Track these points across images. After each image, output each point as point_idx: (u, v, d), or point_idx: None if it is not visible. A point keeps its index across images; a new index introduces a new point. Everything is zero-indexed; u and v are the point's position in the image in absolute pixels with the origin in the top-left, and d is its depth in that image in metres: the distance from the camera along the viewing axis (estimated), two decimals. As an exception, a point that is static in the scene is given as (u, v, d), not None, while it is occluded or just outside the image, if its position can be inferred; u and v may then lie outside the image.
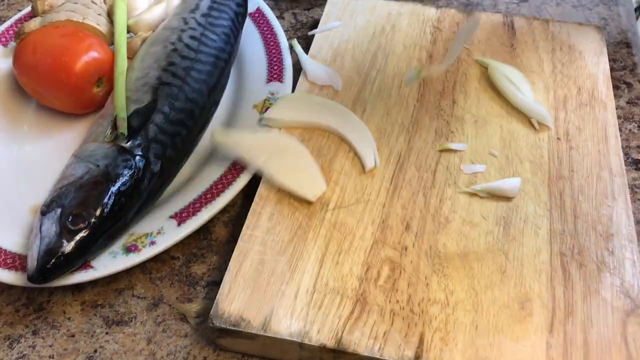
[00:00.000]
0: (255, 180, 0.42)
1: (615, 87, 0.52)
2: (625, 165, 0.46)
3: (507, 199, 0.41)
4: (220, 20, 0.49)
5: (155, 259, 0.40)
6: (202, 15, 0.48)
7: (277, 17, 0.56)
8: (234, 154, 0.42)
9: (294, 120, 0.45)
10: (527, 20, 0.54)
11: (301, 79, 0.49)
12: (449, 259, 0.38)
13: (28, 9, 0.53)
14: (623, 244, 0.38)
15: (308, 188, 0.40)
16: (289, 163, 0.42)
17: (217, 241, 0.42)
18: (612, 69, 0.53)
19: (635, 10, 1.24)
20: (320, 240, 0.38)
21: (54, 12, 0.49)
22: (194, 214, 0.39)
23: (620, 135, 0.48)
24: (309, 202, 0.40)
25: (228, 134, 0.43)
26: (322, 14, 0.55)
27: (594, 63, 0.50)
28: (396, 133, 0.45)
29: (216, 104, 0.46)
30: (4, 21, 0.57)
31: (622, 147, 0.47)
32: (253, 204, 0.40)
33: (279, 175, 0.41)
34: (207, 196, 0.40)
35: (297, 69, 0.51)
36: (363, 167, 0.42)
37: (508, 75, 0.47)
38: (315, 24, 0.56)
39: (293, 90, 0.48)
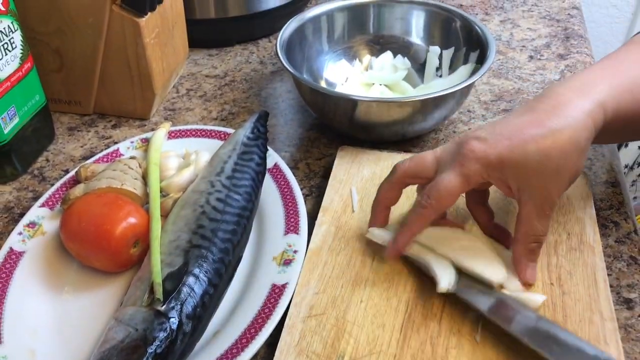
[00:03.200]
0: (277, 330, 0.46)
1: (604, 227, 0.56)
2: (617, 304, 0.50)
3: (507, 346, 0.44)
4: (243, 181, 0.55)
5: (187, 412, 0.43)
6: (227, 178, 0.54)
7: (292, 167, 0.63)
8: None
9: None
10: (517, 168, 0.59)
11: (316, 229, 0.54)
12: (456, 408, 0.41)
13: (71, 173, 0.59)
14: (617, 389, 0.42)
15: (491, 273, 0.46)
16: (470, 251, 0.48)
17: (243, 392, 0.45)
18: (599, 209, 0.58)
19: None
20: (337, 392, 0.42)
21: (96, 179, 0.55)
22: (222, 369, 0.43)
23: (611, 274, 0.52)
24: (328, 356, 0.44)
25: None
26: (332, 163, 0.62)
27: (581, 208, 0.55)
28: (404, 282, 0.50)
29: (239, 259, 0.51)
30: (49, 181, 0.64)
31: (612, 286, 0.51)
32: (274, 358, 0.44)
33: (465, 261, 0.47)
34: (234, 351, 0.45)
35: (313, 217, 0.56)
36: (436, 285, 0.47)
37: None
38: (326, 173, 0.63)
39: (309, 241, 0.53)
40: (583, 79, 0.47)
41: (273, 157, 0.61)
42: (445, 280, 0.47)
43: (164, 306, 0.44)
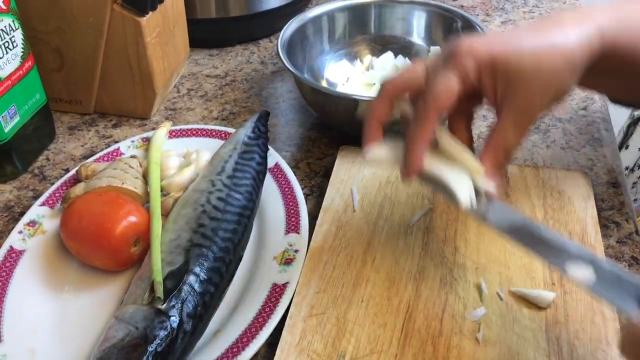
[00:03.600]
0: (278, 329, 0.46)
1: (605, 227, 0.56)
2: (619, 305, 0.50)
3: (509, 346, 0.44)
4: (244, 180, 0.55)
5: (187, 411, 0.43)
6: (228, 177, 0.54)
7: (293, 167, 0.63)
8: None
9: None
10: (519, 168, 0.59)
11: (316, 229, 0.54)
12: (458, 407, 0.41)
13: (72, 172, 0.59)
14: (619, 389, 0.42)
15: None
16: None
17: (243, 391, 0.45)
18: (601, 209, 0.58)
19: (629, 126, 1.30)
20: (338, 392, 0.42)
21: (96, 178, 0.55)
22: (222, 368, 0.43)
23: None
24: (328, 354, 0.44)
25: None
26: (333, 163, 0.62)
27: (582, 208, 0.55)
28: (405, 281, 0.49)
29: (240, 258, 0.51)
30: (49, 180, 0.64)
31: (614, 287, 0.51)
32: (275, 357, 0.44)
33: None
34: (234, 350, 0.44)
35: (314, 216, 0.56)
36: (458, 204, 0.43)
37: None
38: (327, 172, 0.63)
39: (309, 240, 0.53)
40: (589, 9, 0.46)
41: (274, 157, 0.61)
42: (465, 194, 0.43)
43: (164, 305, 0.44)
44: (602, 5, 0.47)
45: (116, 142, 0.68)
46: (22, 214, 0.59)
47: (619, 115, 1.59)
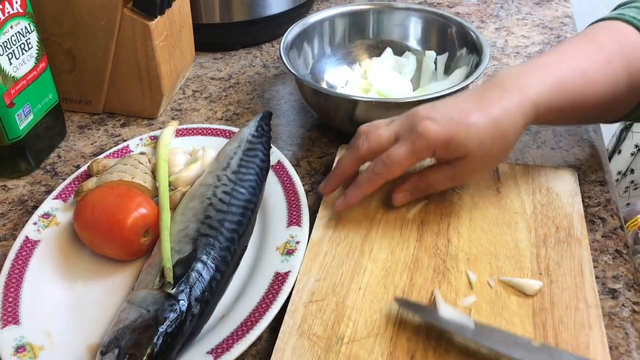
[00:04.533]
0: (280, 315, 0.49)
1: (591, 222, 0.59)
2: (602, 294, 0.52)
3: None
4: (248, 176, 0.58)
5: (194, 390, 0.46)
6: (233, 173, 0.57)
7: (294, 165, 0.65)
8: None
9: None
10: (509, 166, 0.62)
11: (317, 222, 0.57)
12: (449, 386, 0.44)
13: (83, 168, 0.62)
14: (600, 369, 0.44)
15: None
16: None
17: (247, 372, 0.48)
18: (587, 205, 0.61)
19: (621, 132, 1.33)
20: (337, 371, 0.45)
21: (107, 172, 0.58)
22: (228, 349, 0.46)
23: (597, 267, 0.55)
24: (325, 337, 0.47)
25: None
26: (332, 161, 0.64)
27: (570, 203, 0.58)
28: (400, 271, 0.52)
29: (245, 248, 0.54)
30: (61, 176, 0.66)
31: (599, 277, 0.53)
32: (278, 339, 0.47)
33: None
34: (239, 333, 0.47)
35: (314, 210, 0.59)
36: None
37: None
38: (327, 170, 0.65)
39: (310, 232, 0.56)
40: (526, 72, 0.55)
41: (276, 155, 0.64)
42: None
43: (174, 289, 0.46)
44: (542, 62, 0.57)
45: (124, 140, 0.71)
46: (35, 207, 0.62)
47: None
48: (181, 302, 0.46)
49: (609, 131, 1.41)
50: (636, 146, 1.32)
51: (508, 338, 0.45)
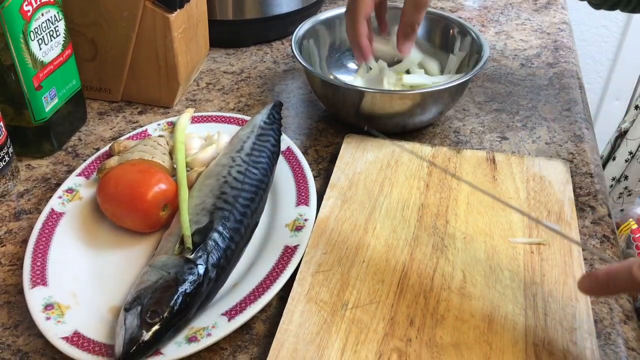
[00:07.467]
0: (288, 286, 0.52)
1: (581, 210, 0.63)
2: (590, 274, 0.56)
3: (490, 301, 0.51)
4: (260, 158, 0.61)
5: (208, 349, 0.49)
6: (246, 155, 0.61)
7: (302, 152, 0.69)
8: None
9: None
10: (505, 156, 0.66)
11: (324, 202, 0.61)
12: (445, 348, 0.47)
13: (105, 148, 0.66)
14: (584, 336, 0.48)
15: None
16: None
17: (258, 335, 0.51)
18: (579, 195, 0.65)
19: (616, 139, 1.36)
20: (342, 333, 0.48)
21: (129, 152, 0.62)
22: (241, 311, 0.49)
23: (585, 250, 0.58)
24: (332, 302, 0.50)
25: None
26: (339, 150, 0.68)
27: (561, 191, 0.62)
28: (401, 247, 0.56)
29: (256, 224, 0.58)
30: (82, 157, 0.70)
31: (587, 259, 0.57)
32: (287, 304, 0.51)
33: None
34: (251, 297, 0.51)
35: (320, 193, 0.63)
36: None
37: None
38: (333, 158, 0.69)
39: (317, 212, 0.60)
40: None
41: (286, 142, 0.68)
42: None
43: (192, 255, 0.50)
44: None
45: (142, 127, 0.75)
46: (57, 185, 0.66)
47: (608, 127, 1.66)
48: (199, 266, 0.50)
49: (604, 138, 1.45)
50: (630, 153, 1.36)
51: None
